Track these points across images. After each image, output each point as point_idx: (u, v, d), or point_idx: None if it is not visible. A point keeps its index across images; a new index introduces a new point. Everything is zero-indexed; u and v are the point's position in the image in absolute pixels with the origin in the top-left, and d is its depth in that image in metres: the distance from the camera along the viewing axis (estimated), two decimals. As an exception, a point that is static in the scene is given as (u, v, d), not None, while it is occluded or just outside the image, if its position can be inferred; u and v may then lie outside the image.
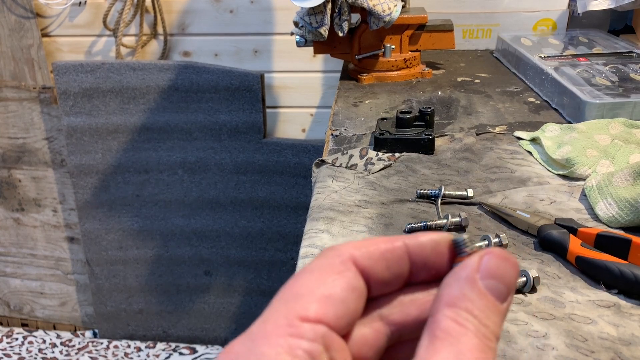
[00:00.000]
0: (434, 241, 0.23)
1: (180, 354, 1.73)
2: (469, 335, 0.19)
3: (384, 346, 0.23)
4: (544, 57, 0.98)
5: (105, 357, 1.74)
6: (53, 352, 1.79)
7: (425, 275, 0.24)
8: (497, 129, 0.81)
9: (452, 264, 0.23)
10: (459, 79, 1.04)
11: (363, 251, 0.23)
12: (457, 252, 0.23)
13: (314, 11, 0.96)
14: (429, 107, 0.76)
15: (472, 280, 0.21)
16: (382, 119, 0.80)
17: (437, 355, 0.19)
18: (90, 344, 1.80)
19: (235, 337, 0.21)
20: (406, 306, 0.24)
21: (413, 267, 0.23)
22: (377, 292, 0.23)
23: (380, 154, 0.74)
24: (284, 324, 0.20)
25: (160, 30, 1.54)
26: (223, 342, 1.76)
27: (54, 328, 1.92)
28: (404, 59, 1.04)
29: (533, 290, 0.48)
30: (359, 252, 0.22)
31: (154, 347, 1.76)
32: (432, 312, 0.21)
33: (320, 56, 1.52)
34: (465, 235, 0.23)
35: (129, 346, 1.77)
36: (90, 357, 1.74)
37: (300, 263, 0.52)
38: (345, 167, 0.71)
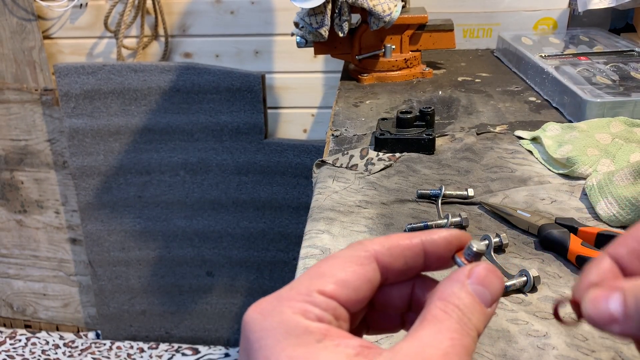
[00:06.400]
0: (446, 239, 0.28)
1: (183, 354, 1.73)
2: (451, 321, 0.23)
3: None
4: (545, 56, 0.98)
5: (108, 358, 1.74)
6: (56, 353, 1.79)
7: (436, 265, 0.28)
8: (498, 129, 0.81)
9: (453, 256, 0.28)
10: (460, 79, 1.04)
11: (386, 248, 0.27)
12: (462, 250, 0.28)
13: (314, 12, 0.96)
14: (430, 107, 0.76)
15: (463, 283, 0.25)
16: (383, 119, 0.80)
17: (422, 332, 0.23)
18: (93, 345, 1.80)
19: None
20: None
21: (427, 260, 0.28)
22: (394, 280, 0.28)
23: (380, 154, 0.74)
24: (305, 292, 0.25)
25: (161, 31, 1.54)
26: (226, 343, 1.76)
27: (57, 329, 1.92)
28: (405, 58, 1.04)
29: (534, 289, 0.48)
30: (382, 249, 0.27)
31: (156, 348, 1.76)
32: (426, 304, 0.25)
33: (320, 57, 1.52)
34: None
35: (131, 347, 1.77)
36: (93, 358, 1.74)
37: (301, 263, 0.53)
38: (346, 168, 0.71)
